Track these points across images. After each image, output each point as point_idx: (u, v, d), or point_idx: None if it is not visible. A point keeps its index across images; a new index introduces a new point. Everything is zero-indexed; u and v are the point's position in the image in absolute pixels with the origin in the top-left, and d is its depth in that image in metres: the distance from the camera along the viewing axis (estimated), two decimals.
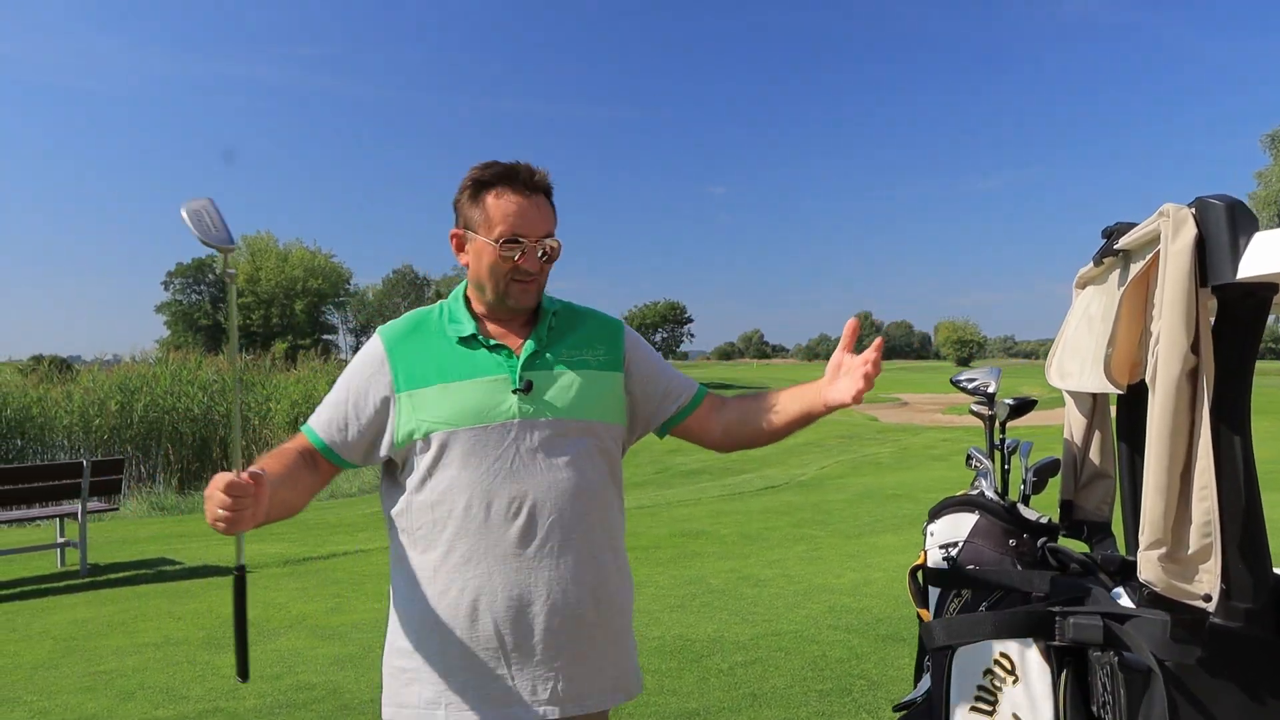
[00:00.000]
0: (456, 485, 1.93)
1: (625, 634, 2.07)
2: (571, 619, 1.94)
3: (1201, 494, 1.51)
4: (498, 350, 2.01)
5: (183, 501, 14.04)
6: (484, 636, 1.92)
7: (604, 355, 2.09)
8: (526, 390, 1.96)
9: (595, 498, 2.00)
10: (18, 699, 4.74)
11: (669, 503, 12.46)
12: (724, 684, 4.71)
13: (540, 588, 1.92)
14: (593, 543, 1.99)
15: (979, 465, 2.34)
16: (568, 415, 1.98)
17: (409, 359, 2.01)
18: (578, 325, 2.13)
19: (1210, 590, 1.53)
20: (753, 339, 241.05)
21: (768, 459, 18.98)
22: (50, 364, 28.93)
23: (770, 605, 6.28)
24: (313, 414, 2.13)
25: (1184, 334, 1.50)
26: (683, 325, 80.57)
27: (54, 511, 8.27)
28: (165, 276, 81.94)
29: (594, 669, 1.98)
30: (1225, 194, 1.55)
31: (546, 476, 1.94)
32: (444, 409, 1.95)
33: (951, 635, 1.71)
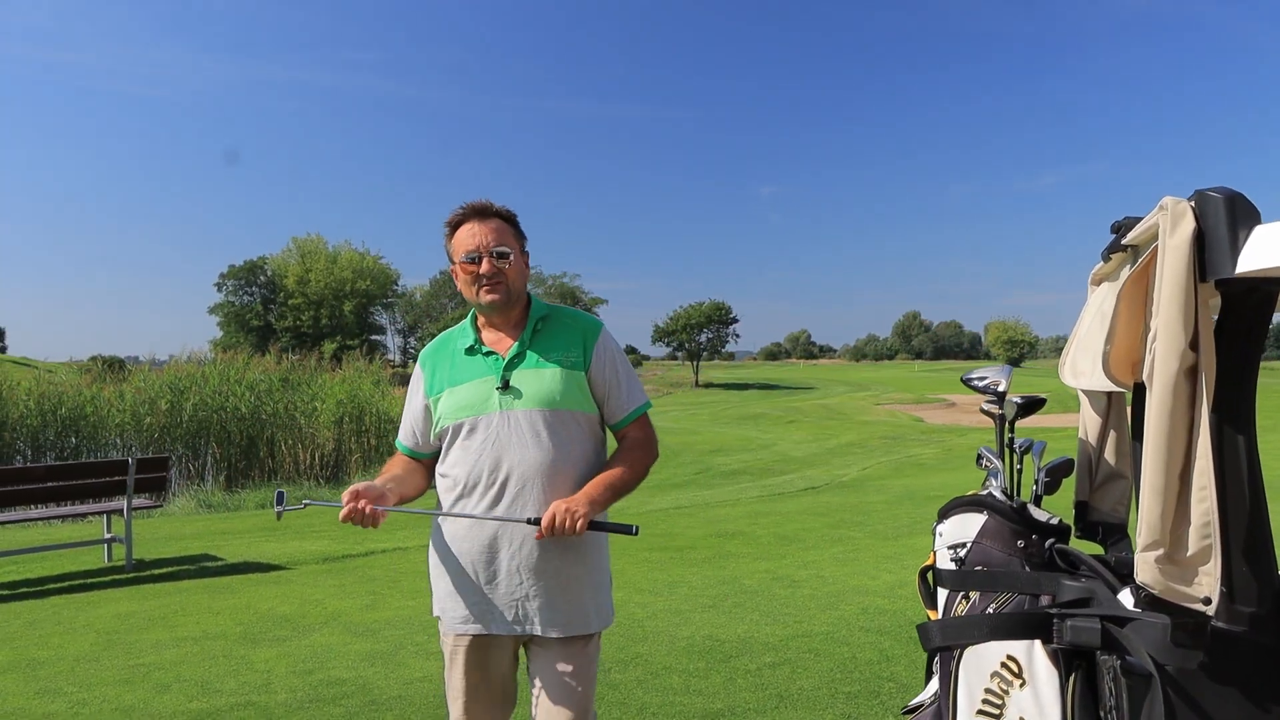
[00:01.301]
0: (459, 460, 2.60)
1: (584, 580, 2.60)
2: (530, 563, 2.53)
3: (1201, 495, 1.48)
4: (488, 356, 2.64)
5: (229, 499, 14.28)
6: (468, 570, 2.57)
7: (575, 357, 2.64)
8: (505, 387, 2.58)
9: (561, 468, 2.55)
10: (59, 690, 4.85)
11: (707, 503, 12.43)
12: (751, 684, 4.69)
13: (507, 538, 2.54)
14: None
15: (989, 465, 2.30)
16: (538, 405, 2.56)
17: (434, 371, 2.72)
18: (559, 329, 2.69)
19: (1210, 593, 1.49)
20: (800, 339, 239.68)
21: (810, 460, 18.89)
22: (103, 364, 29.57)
23: (803, 606, 6.24)
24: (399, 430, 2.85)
25: (1182, 330, 1.46)
26: (728, 325, 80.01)
27: (101, 508, 8.45)
28: (218, 278, 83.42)
29: (547, 604, 2.54)
30: (1226, 186, 1.51)
31: (520, 452, 2.53)
32: (450, 406, 2.62)
33: (948, 636, 1.68)
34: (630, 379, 2.72)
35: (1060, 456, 2.32)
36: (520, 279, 2.64)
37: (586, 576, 2.61)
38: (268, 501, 13.74)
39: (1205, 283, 1.50)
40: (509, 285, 2.59)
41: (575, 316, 2.74)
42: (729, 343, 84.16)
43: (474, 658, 2.63)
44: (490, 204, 2.66)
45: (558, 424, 2.56)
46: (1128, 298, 1.62)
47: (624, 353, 2.76)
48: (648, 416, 2.77)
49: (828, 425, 28.33)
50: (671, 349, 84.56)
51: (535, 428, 2.53)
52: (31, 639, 5.87)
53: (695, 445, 23.41)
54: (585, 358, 2.63)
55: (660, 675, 4.86)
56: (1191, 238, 1.47)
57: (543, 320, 2.67)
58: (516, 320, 2.68)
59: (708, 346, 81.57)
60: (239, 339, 70.44)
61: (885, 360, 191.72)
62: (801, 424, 29.37)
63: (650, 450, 2.74)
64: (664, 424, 31.82)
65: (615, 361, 2.70)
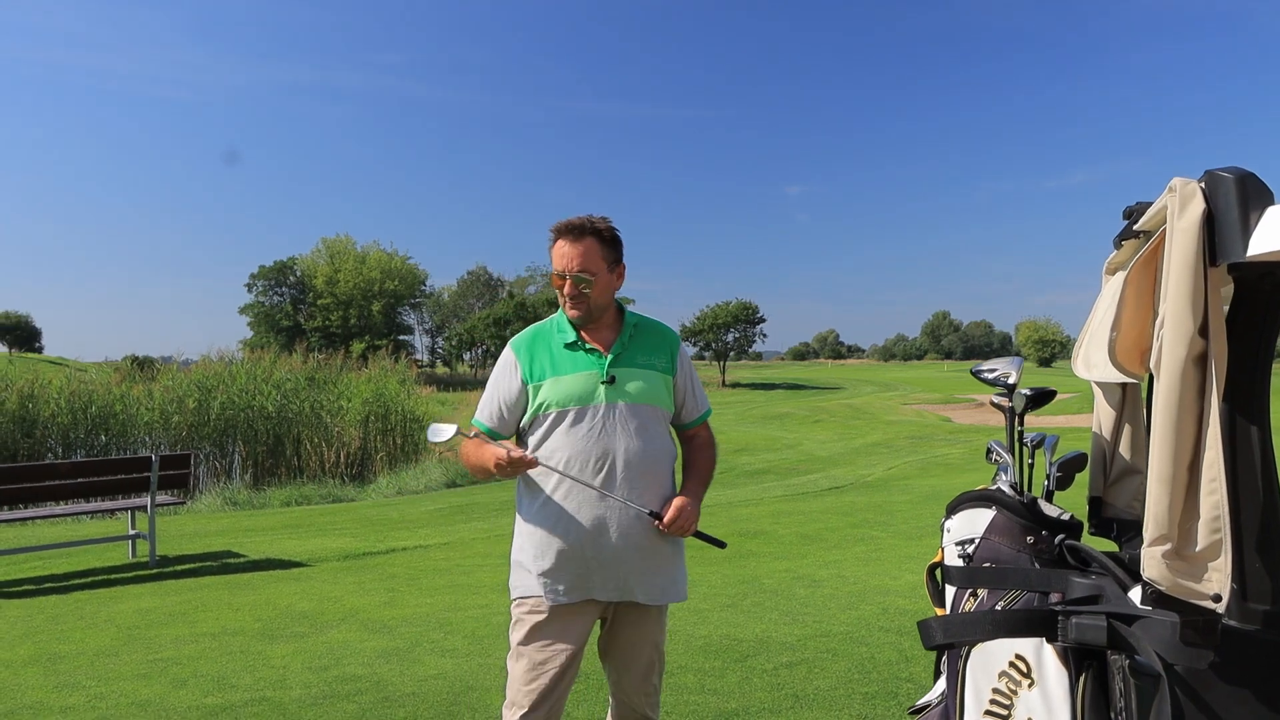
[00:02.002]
0: (562, 446, 2.83)
1: (676, 556, 2.96)
2: (634, 542, 2.82)
3: (1210, 487, 1.42)
4: (592, 352, 2.91)
5: (255, 497, 14.37)
6: (573, 547, 2.80)
7: (664, 363, 2.99)
8: (611, 382, 2.86)
9: (658, 458, 2.89)
10: (78, 684, 4.88)
11: (731, 502, 12.37)
12: (767, 684, 4.64)
13: (614, 518, 2.80)
14: (654, 490, 2.86)
15: (999, 459, 2.24)
16: (639, 401, 2.88)
17: (532, 359, 2.92)
18: (649, 337, 3.02)
19: (1220, 590, 1.43)
20: (828, 339, 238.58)
21: (835, 460, 18.77)
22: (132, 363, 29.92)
23: (822, 606, 6.18)
24: (477, 411, 3.02)
25: (1190, 316, 1.40)
26: (755, 325, 79.70)
27: (126, 504, 8.52)
28: (248, 279, 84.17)
29: (648, 577, 2.86)
30: (1237, 166, 1.45)
31: (624, 442, 2.82)
32: (556, 393, 2.85)
33: (949, 634, 1.63)
34: (700, 386, 3.14)
35: (1073, 451, 2.26)
36: (605, 296, 2.92)
37: (675, 553, 2.96)
38: (293, 499, 13.82)
39: (1216, 267, 1.44)
40: (590, 305, 2.88)
41: (662, 328, 3.09)
42: (756, 343, 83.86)
43: (566, 624, 2.85)
44: (587, 222, 2.87)
45: (652, 419, 2.89)
46: (1135, 283, 1.56)
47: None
48: (708, 420, 3.19)
49: (853, 425, 28.15)
50: (699, 349, 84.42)
51: (636, 420, 2.84)
52: (54, 633, 5.92)
53: (720, 445, 23.00)
54: (672, 365, 3.00)
55: (675, 674, 4.81)
56: (1201, 220, 1.41)
57: (635, 328, 2.99)
58: (611, 323, 2.99)
59: (735, 346, 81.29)
60: (269, 339, 70.97)
61: (914, 360, 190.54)
62: (827, 423, 29.21)
63: (715, 450, 3.19)
64: None
65: (691, 371, 3.12)
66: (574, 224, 2.86)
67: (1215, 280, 1.44)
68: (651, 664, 2.99)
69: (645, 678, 2.99)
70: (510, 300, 71.44)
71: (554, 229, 2.89)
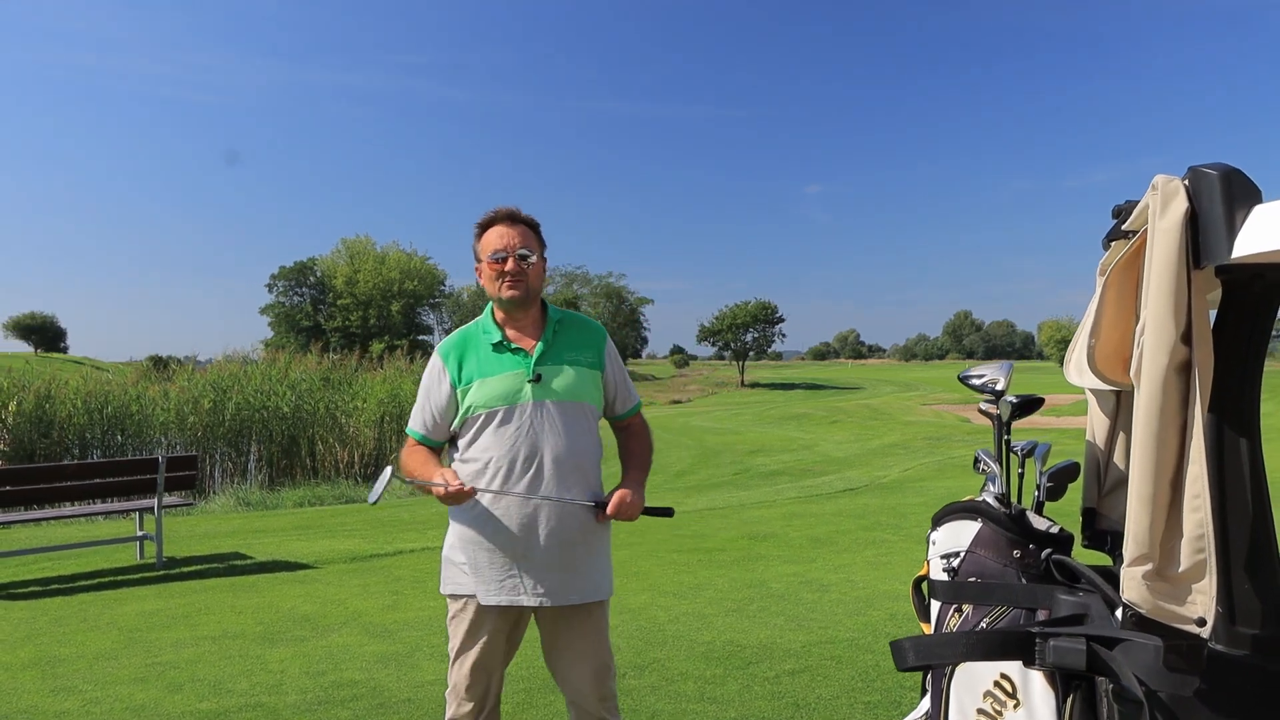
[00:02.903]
0: (490, 446, 2.86)
1: (603, 553, 2.98)
2: (562, 539, 2.84)
3: (1193, 504, 1.33)
4: (518, 352, 2.93)
5: (268, 497, 14.38)
6: (503, 547, 2.83)
7: (591, 358, 3.01)
8: (537, 380, 2.88)
9: (586, 455, 2.91)
10: (74, 688, 4.85)
11: (742, 504, 12.27)
12: (768, 693, 4.55)
13: (542, 517, 2.82)
14: (579, 485, 2.88)
15: (986, 469, 2.15)
16: (567, 398, 2.90)
17: (460, 363, 2.94)
18: (574, 332, 3.04)
19: (1204, 613, 1.34)
20: (848, 339, 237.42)
21: (851, 461, 18.63)
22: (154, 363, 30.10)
23: (829, 612, 6.08)
24: (410, 420, 3.07)
25: (1172, 322, 1.32)
26: (774, 325, 79.40)
27: (132, 506, 8.52)
28: (269, 279, 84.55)
29: (577, 575, 2.87)
30: (1222, 162, 1.36)
31: (552, 439, 2.84)
32: (483, 395, 2.87)
33: (921, 655, 1.54)
34: (628, 379, 3.17)
35: (1065, 460, 2.17)
36: (539, 280, 2.96)
37: (604, 547, 3.00)
38: (306, 500, 13.82)
39: (1200, 269, 1.35)
40: (529, 284, 2.90)
41: (587, 322, 3.11)
42: (775, 342, 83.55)
43: (500, 625, 2.90)
44: (518, 210, 2.97)
45: (580, 415, 2.91)
46: (1116, 286, 1.47)
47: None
48: (641, 410, 3.24)
49: (871, 425, 27.95)
50: (718, 349, 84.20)
51: (563, 417, 2.87)
52: (55, 636, 5.90)
53: (735, 445, 23.22)
54: (600, 360, 3.03)
55: (675, 681, 4.74)
56: (1183, 219, 1.32)
57: (559, 323, 3.01)
58: (536, 321, 3.00)
59: (754, 346, 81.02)
60: (289, 339, 71.28)
61: (935, 360, 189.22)
62: (844, 424, 29.02)
63: (651, 437, 3.22)
64: (706, 424, 31.64)
65: (619, 364, 3.14)
66: (508, 211, 2.95)
67: (1199, 284, 1.35)
68: (603, 667, 2.96)
69: (598, 681, 2.95)
70: None
71: (483, 220, 2.96)
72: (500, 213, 2.95)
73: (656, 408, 47.21)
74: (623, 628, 5.71)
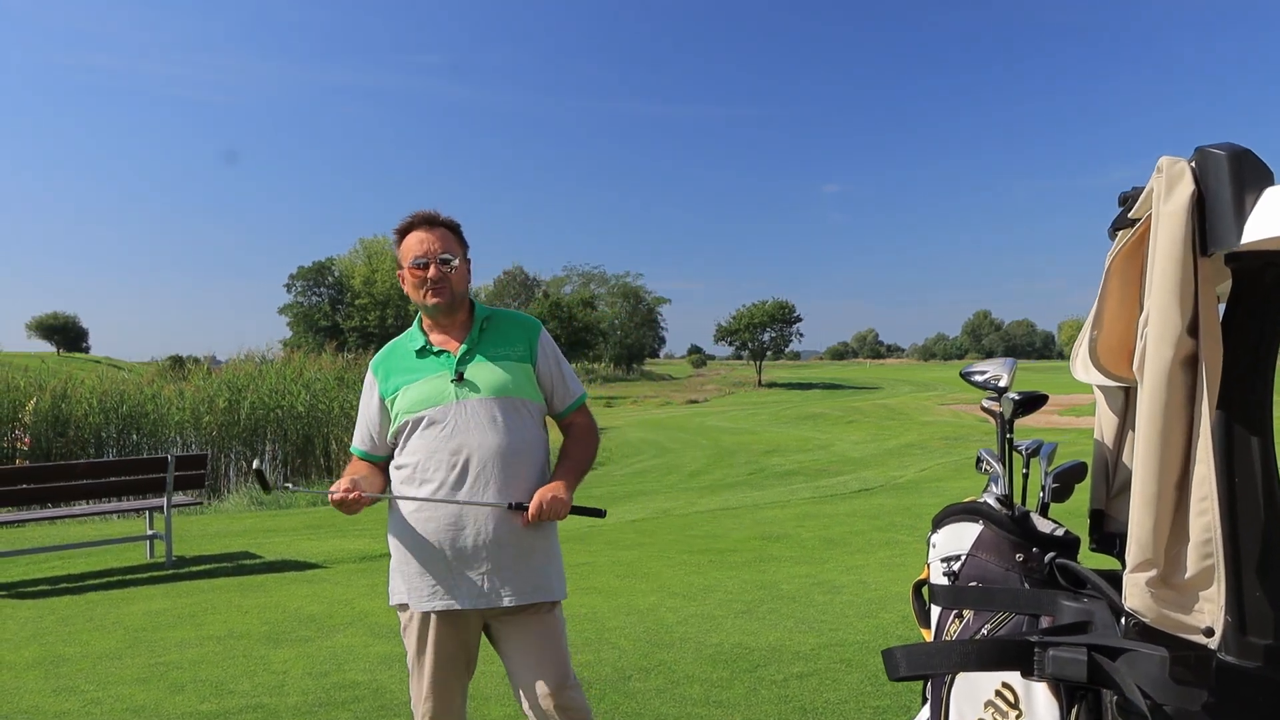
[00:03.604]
0: (418, 448, 2.78)
1: (542, 552, 2.80)
2: (494, 539, 2.71)
3: (1200, 506, 1.24)
4: (440, 354, 2.87)
5: (281, 497, 14.39)
6: (434, 549, 2.72)
7: (521, 351, 2.90)
8: (459, 379, 2.80)
9: (522, 450, 2.79)
10: (75, 688, 4.82)
11: (756, 504, 12.18)
12: (774, 696, 4.47)
13: (469, 517, 2.72)
14: (512, 484, 2.74)
15: (989, 469, 2.07)
16: (491, 394, 2.79)
17: (387, 374, 2.91)
18: (503, 328, 2.93)
19: (1213, 623, 1.26)
20: (867, 339, 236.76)
21: (867, 461, 18.50)
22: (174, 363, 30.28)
23: (840, 614, 5.99)
24: (353, 438, 3.05)
25: (1177, 312, 1.23)
26: (791, 325, 79.30)
27: (140, 505, 8.52)
28: (287, 279, 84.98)
29: (512, 575, 2.73)
30: (1232, 142, 1.27)
31: (477, 437, 2.74)
32: (408, 402, 2.82)
33: (913, 665, 1.46)
34: (569, 372, 3.03)
35: (1072, 460, 2.08)
36: (463, 283, 2.90)
37: (545, 547, 2.83)
38: (319, 500, 13.80)
39: (1207, 257, 1.27)
40: (453, 289, 2.84)
41: (517, 317, 3.00)
42: (792, 342, 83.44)
43: (443, 632, 2.79)
44: (437, 214, 2.89)
45: (511, 411, 2.80)
46: (1118, 275, 1.39)
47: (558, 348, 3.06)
48: (586, 404, 3.08)
49: (888, 425, 27.78)
50: (735, 349, 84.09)
51: (491, 414, 2.76)
52: (61, 635, 5.88)
53: (751, 445, 23.11)
54: (531, 353, 2.91)
55: (681, 685, 4.66)
56: (1189, 203, 1.24)
57: (487, 320, 2.92)
58: (463, 322, 2.92)
59: (771, 346, 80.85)
60: (307, 339, 71.57)
61: (955, 360, 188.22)
62: (861, 424, 28.86)
63: (595, 433, 3.06)
64: (721, 424, 31.54)
65: (556, 356, 3.00)
66: (426, 215, 2.87)
67: (1207, 272, 1.26)
68: (559, 676, 2.77)
69: (556, 690, 2.75)
70: (545, 300, 71.35)
71: (401, 226, 2.88)
72: (418, 217, 2.87)
73: (673, 407, 47.13)
74: (630, 629, 5.64)
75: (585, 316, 70.40)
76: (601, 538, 9.51)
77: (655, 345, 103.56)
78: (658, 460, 21.00)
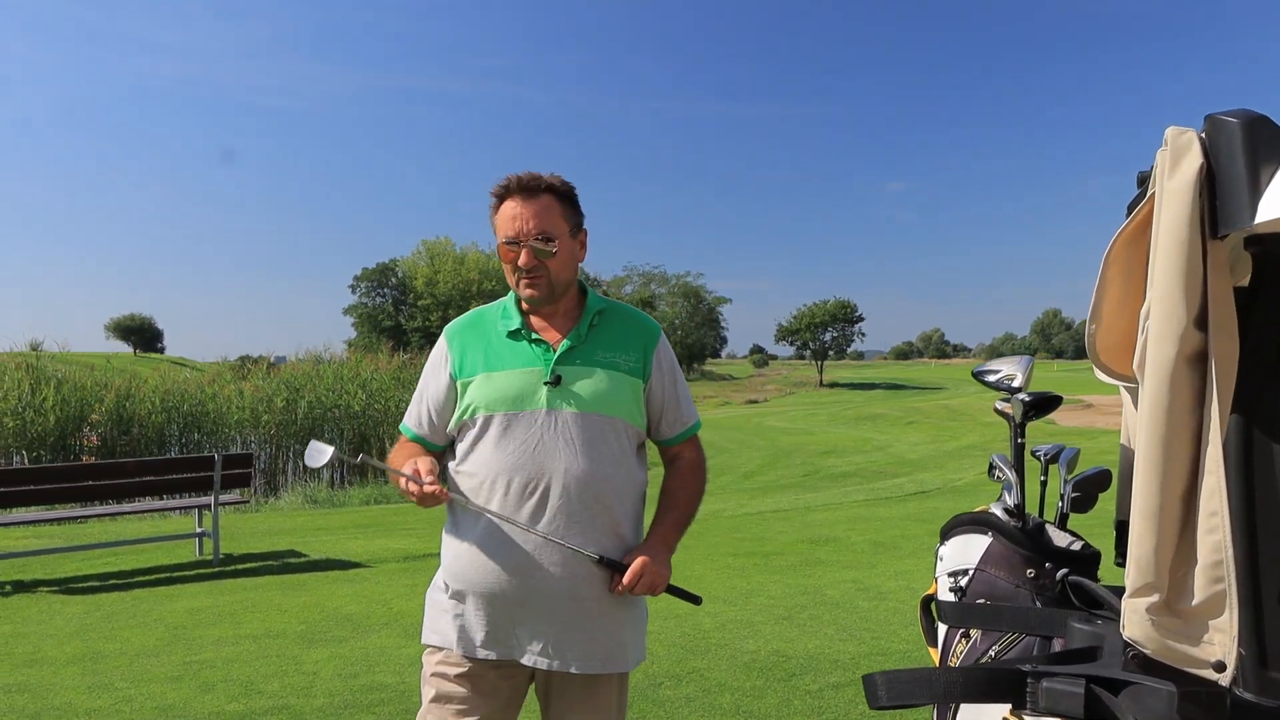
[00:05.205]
0: (490, 461, 2.24)
1: (623, 611, 2.27)
2: (567, 590, 2.20)
3: (1209, 523, 1.09)
4: (538, 344, 2.30)
5: (334, 495, 14.54)
6: (496, 587, 2.21)
7: (634, 361, 2.34)
8: (555, 383, 2.24)
9: (607, 485, 2.24)
10: (110, 685, 4.84)
11: (808, 507, 11.97)
12: (808, 707, 4.32)
13: (549, 558, 2.19)
14: (598, 526, 2.22)
15: (1001, 476, 1.91)
16: (591, 410, 2.24)
17: (464, 350, 2.35)
18: (617, 327, 2.38)
19: (1224, 656, 1.10)
20: (932, 338, 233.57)
21: (924, 463, 18.14)
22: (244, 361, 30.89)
23: (885, 621, 5.81)
24: (406, 414, 2.48)
25: (1182, 303, 1.08)
26: (853, 325, 78.49)
27: (189, 503, 8.62)
28: (352, 280, 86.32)
29: (584, 637, 2.22)
30: (1247, 109, 1.12)
31: (565, 462, 2.20)
32: (486, 394, 2.27)
33: (894, 695, 1.32)
34: (685, 392, 2.47)
35: (1094, 467, 1.91)
36: (567, 269, 2.32)
37: (632, 615, 2.31)
38: (372, 498, 13.92)
39: (1220, 240, 1.11)
40: (551, 279, 2.28)
41: (636, 317, 2.44)
42: (854, 342, 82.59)
43: (487, 686, 2.26)
44: (539, 177, 2.28)
45: (609, 434, 2.27)
46: (1120, 262, 1.23)
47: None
48: (698, 436, 2.52)
49: (948, 426, 27.22)
50: (796, 348, 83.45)
51: (585, 434, 2.23)
52: (103, 632, 5.94)
53: (807, 446, 22.81)
54: (645, 365, 2.36)
55: (712, 693, 4.53)
56: (1196, 178, 1.09)
57: (599, 315, 2.38)
58: (569, 310, 2.38)
59: (832, 346, 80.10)
60: (371, 340, 72.60)
61: None
62: (921, 425, 28.33)
63: (704, 472, 2.51)
64: (779, 424, 31.24)
65: (675, 372, 2.44)
66: (525, 180, 2.28)
67: (1219, 257, 1.11)
68: None
69: None
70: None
71: (497, 189, 2.30)
72: (515, 181, 2.28)
73: (732, 407, 46.87)
74: (666, 634, 5.52)
75: None
76: None
77: (716, 345, 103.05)
78: (712, 461, 20.45)
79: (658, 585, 2.24)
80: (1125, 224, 1.22)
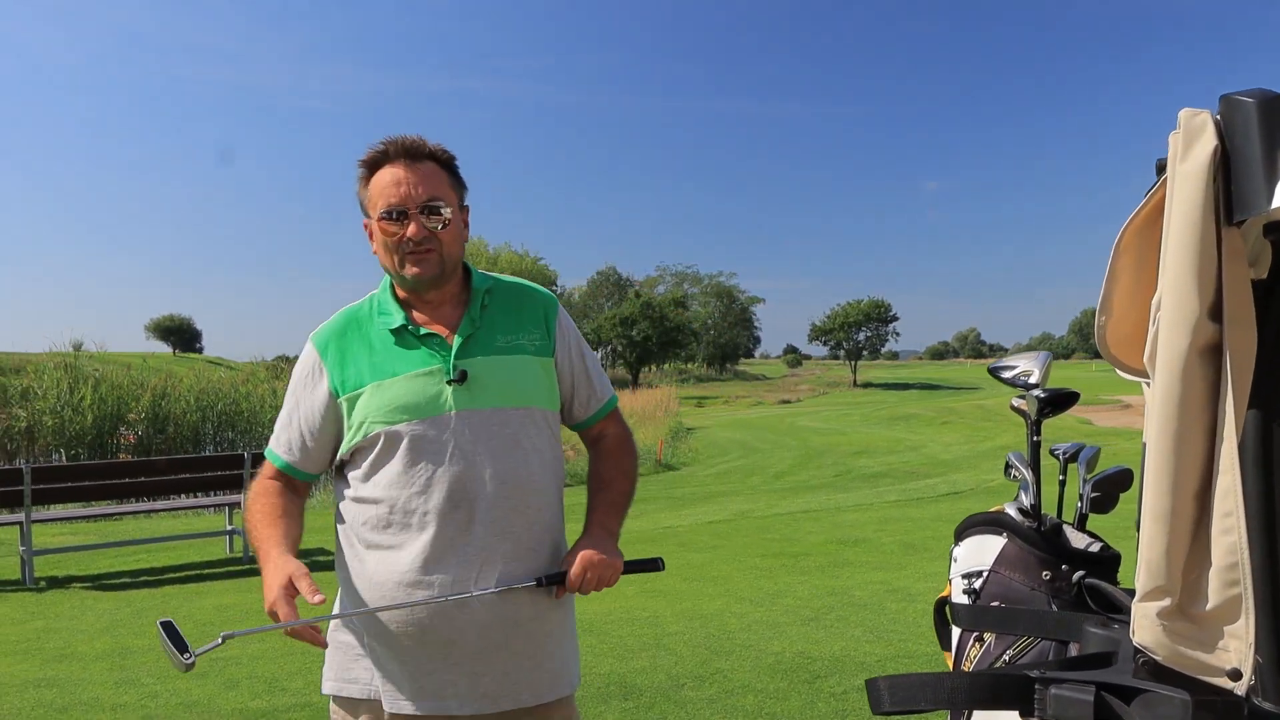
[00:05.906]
0: (398, 483, 1.88)
1: (563, 630, 2.01)
2: (508, 615, 1.89)
3: (1224, 524, 1.04)
4: (429, 340, 1.95)
5: None
6: (421, 628, 1.85)
7: (538, 338, 2.03)
8: (461, 380, 1.90)
9: (536, 490, 1.95)
10: (136, 680, 4.89)
11: (838, 507, 11.88)
12: (831, 710, 4.26)
13: (476, 583, 1.86)
14: (534, 536, 1.95)
15: (1017, 475, 1.86)
16: (505, 404, 1.93)
17: (343, 360, 1.97)
18: (512, 305, 2.05)
19: (1239, 663, 1.05)
20: (968, 338, 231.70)
21: (958, 463, 17.96)
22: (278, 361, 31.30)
23: (913, 623, 5.73)
24: (272, 437, 2.09)
25: (1194, 293, 1.03)
26: (887, 324, 78.05)
27: (219, 501, 8.72)
28: None
29: (529, 665, 1.93)
30: (1265, 88, 1.06)
31: (488, 467, 1.89)
32: (381, 407, 1.90)
33: (897, 700, 1.28)
34: (597, 364, 2.16)
35: (1115, 466, 1.85)
36: (458, 244, 1.97)
37: (564, 624, 2.03)
38: None
39: (1236, 226, 1.06)
40: (443, 254, 1.92)
41: (528, 288, 2.12)
42: (889, 341, 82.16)
43: None
44: (422, 141, 1.95)
45: (529, 427, 1.95)
46: (1131, 251, 1.18)
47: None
48: (619, 409, 2.22)
49: (983, 427, 26.95)
50: (830, 348, 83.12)
51: (504, 433, 1.91)
52: (133, 628, 6.01)
53: (839, 446, 22.67)
54: (549, 339, 2.04)
55: (735, 694, 4.49)
56: (1210, 161, 1.03)
57: (488, 294, 2.04)
58: (455, 295, 2.02)
59: (866, 345, 79.69)
60: None
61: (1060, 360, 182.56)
62: (955, 425, 28.08)
63: (635, 451, 2.20)
64: (812, 424, 31.08)
65: (581, 343, 2.14)
66: (405, 142, 1.94)
67: (1234, 245, 1.05)
68: None
69: None
70: (636, 300, 71.41)
71: (370, 156, 1.95)
72: (395, 144, 1.94)
73: (764, 407, 46.70)
74: (690, 635, 5.48)
75: (677, 317, 70.24)
76: (674, 539, 9.37)
77: (749, 345, 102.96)
78: (743, 461, 20.74)
79: (611, 576, 1.92)
80: (1137, 210, 1.17)
